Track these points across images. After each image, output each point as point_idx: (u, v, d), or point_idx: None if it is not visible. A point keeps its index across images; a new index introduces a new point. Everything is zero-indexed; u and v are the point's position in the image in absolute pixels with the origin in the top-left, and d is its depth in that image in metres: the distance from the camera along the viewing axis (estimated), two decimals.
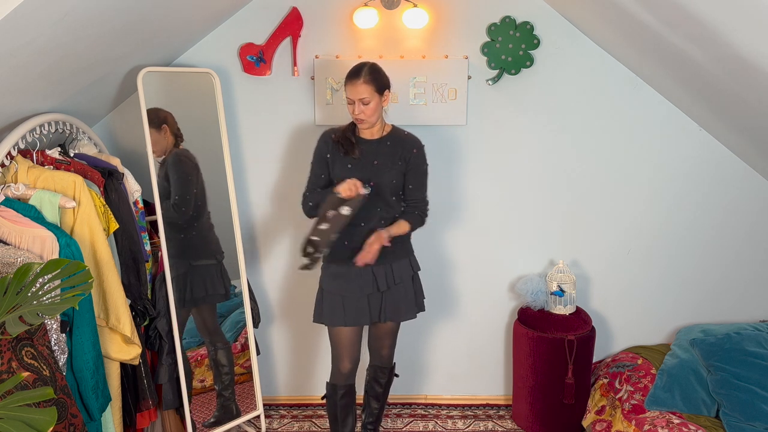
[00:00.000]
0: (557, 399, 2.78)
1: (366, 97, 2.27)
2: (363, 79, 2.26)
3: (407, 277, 2.48)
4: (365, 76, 2.26)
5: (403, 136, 2.42)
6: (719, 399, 2.48)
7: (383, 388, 2.68)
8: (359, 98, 2.27)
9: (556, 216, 2.98)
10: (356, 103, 2.28)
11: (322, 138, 2.45)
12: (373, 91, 2.28)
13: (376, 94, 2.29)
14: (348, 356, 2.47)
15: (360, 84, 2.26)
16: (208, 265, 2.72)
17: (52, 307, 1.46)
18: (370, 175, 2.34)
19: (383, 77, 2.32)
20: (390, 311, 2.45)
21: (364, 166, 2.36)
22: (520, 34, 2.75)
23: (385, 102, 2.35)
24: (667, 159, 2.89)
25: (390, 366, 2.67)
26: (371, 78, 2.27)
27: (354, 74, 2.28)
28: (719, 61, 2.07)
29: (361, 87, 2.26)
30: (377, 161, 2.36)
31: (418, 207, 2.45)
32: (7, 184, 2.05)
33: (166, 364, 2.59)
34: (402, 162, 2.38)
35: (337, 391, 2.50)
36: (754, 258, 2.98)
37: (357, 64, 2.32)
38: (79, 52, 2.04)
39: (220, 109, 2.73)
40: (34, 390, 1.36)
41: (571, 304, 2.84)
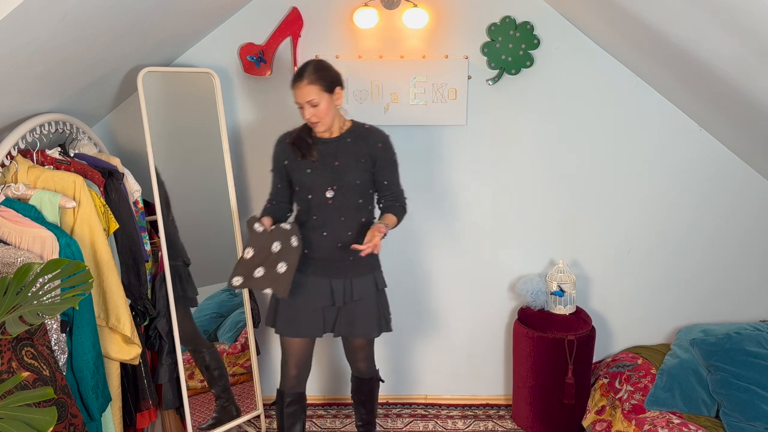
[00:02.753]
0: (557, 399, 2.78)
1: (314, 98, 2.12)
2: (307, 80, 2.11)
3: (369, 295, 2.34)
4: (309, 76, 2.11)
5: (364, 131, 2.29)
6: (719, 399, 2.48)
7: (366, 396, 2.61)
8: (306, 101, 2.13)
9: (556, 216, 2.98)
10: (305, 106, 2.14)
11: (278, 144, 2.32)
12: (321, 90, 2.12)
13: (324, 93, 2.14)
14: (295, 364, 2.38)
15: (305, 86, 2.11)
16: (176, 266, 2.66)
17: (52, 307, 1.46)
18: (332, 178, 2.22)
19: (331, 74, 2.17)
20: (343, 327, 2.33)
21: (325, 168, 2.23)
22: (520, 34, 2.75)
23: (338, 100, 2.21)
24: (668, 159, 2.89)
25: (370, 376, 2.57)
26: (317, 77, 2.12)
27: (297, 76, 2.13)
28: (719, 61, 2.07)
29: (306, 89, 2.11)
30: (338, 162, 2.23)
31: (398, 199, 2.34)
32: (7, 184, 2.05)
33: (166, 364, 2.59)
34: (367, 159, 2.25)
35: (284, 398, 2.43)
36: (754, 258, 2.98)
37: (302, 65, 2.18)
38: (79, 52, 2.04)
39: (220, 109, 2.73)
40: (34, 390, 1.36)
41: (571, 304, 2.84)
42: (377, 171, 2.28)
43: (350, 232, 2.27)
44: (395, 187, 2.34)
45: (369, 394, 2.60)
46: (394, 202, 2.34)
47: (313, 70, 2.13)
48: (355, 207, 2.26)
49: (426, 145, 2.92)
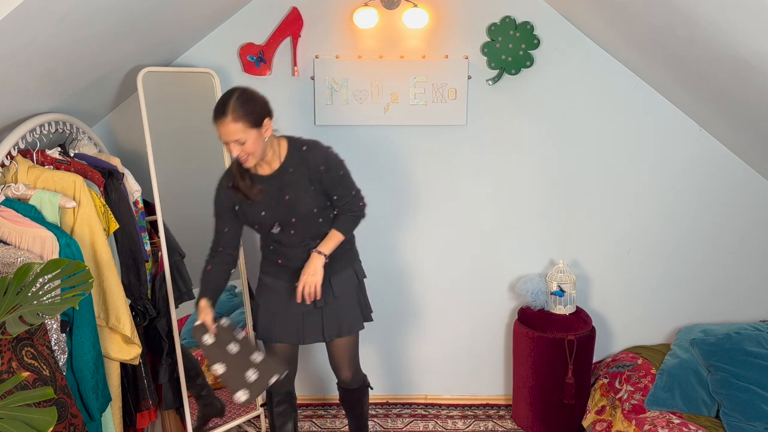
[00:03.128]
0: (557, 399, 2.78)
1: (240, 137, 1.92)
2: (231, 117, 1.90)
3: (350, 288, 2.28)
4: (233, 112, 1.90)
5: (303, 153, 2.10)
6: (719, 399, 2.48)
7: (353, 406, 2.51)
8: (232, 139, 1.93)
9: (556, 216, 2.98)
10: (231, 144, 1.95)
11: (221, 189, 2.15)
12: (247, 127, 1.92)
13: (251, 130, 1.94)
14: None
15: (228, 123, 1.90)
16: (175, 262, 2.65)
17: (52, 307, 1.46)
18: (288, 212, 2.11)
19: (257, 106, 1.97)
20: (333, 329, 2.26)
21: (278, 205, 2.11)
22: (520, 34, 2.75)
23: (267, 132, 2.01)
24: (668, 159, 2.89)
25: (357, 386, 2.44)
26: (242, 113, 1.91)
27: (219, 111, 1.91)
28: (719, 61, 2.07)
29: (230, 126, 1.91)
30: (288, 196, 2.10)
31: (349, 209, 2.20)
32: (7, 184, 2.05)
33: (166, 364, 2.59)
34: (315, 184, 2.11)
35: (272, 398, 2.41)
36: (754, 258, 2.98)
37: (223, 95, 1.96)
38: (79, 52, 2.04)
39: None
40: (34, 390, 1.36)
41: (571, 304, 2.84)
42: (326, 189, 2.15)
43: (319, 239, 2.19)
44: (346, 197, 2.18)
45: (358, 403, 2.50)
46: (344, 212, 2.21)
47: (237, 104, 1.91)
48: (317, 226, 2.18)
49: (426, 145, 2.92)
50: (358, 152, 2.93)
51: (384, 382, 3.19)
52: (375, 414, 3.10)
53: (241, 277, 2.84)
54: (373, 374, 3.16)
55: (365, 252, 2.99)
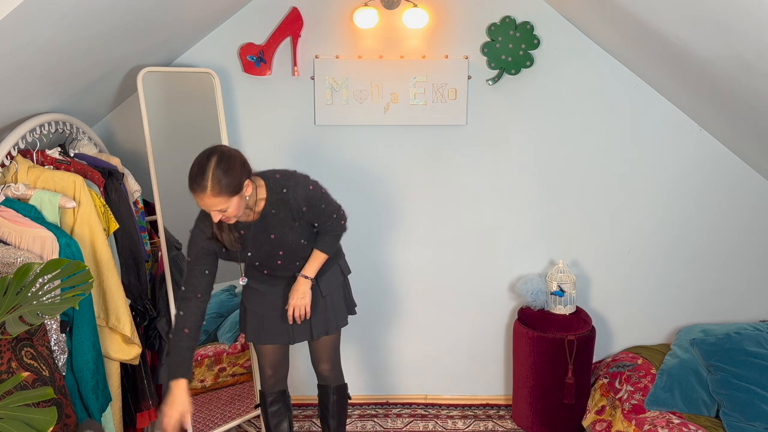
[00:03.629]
0: (557, 399, 2.78)
1: (221, 207, 1.86)
2: (210, 192, 1.82)
3: (337, 286, 2.30)
4: (213, 187, 1.81)
5: (283, 196, 2.03)
6: (719, 399, 2.48)
7: (329, 411, 2.48)
8: (213, 210, 1.87)
9: (556, 216, 2.98)
10: (212, 212, 1.88)
11: (199, 237, 2.03)
12: (227, 198, 1.85)
13: (232, 198, 1.86)
14: (270, 365, 2.36)
15: (208, 197, 1.83)
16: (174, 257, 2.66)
17: (52, 307, 1.46)
18: (273, 248, 2.11)
19: (236, 174, 1.86)
20: (320, 327, 2.28)
21: (263, 244, 2.09)
22: (520, 34, 2.75)
23: (248, 191, 1.92)
24: (667, 158, 2.89)
25: (335, 385, 2.45)
26: (221, 188, 1.82)
27: (197, 185, 1.82)
28: (719, 61, 2.07)
29: (209, 201, 1.84)
30: (273, 235, 2.08)
31: (331, 229, 2.17)
32: (7, 184, 2.05)
33: (166, 364, 2.59)
34: (298, 220, 2.09)
35: (266, 398, 2.43)
36: (754, 258, 2.98)
37: (199, 163, 1.85)
38: (79, 52, 2.04)
39: (220, 109, 2.73)
40: (34, 390, 1.36)
41: (571, 304, 2.84)
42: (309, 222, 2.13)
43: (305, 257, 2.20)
44: (328, 221, 2.15)
45: (335, 405, 2.47)
46: (326, 233, 2.18)
47: (215, 178, 1.81)
48: (304, 250, 2.18)
49: (426, 145, 2.92)
50: (358, 152, 2.93)
51: (384, 382, 3.19)
52: (375, 414, 3.10)
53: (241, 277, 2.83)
54: (373, 374, 3.17)
55: (365, 252, 3.00)
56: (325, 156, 2.94)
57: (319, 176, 2.93)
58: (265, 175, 2.07)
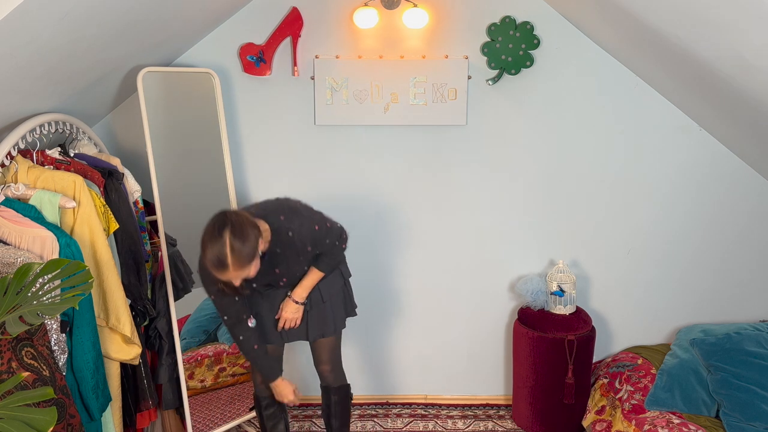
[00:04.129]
0: (557, 399, 2.78)
1: (242, 275, 1.91)
2: (232, 269, 1.87)
3: (337, 290, 2.34)
4: (233, 264, 1.86)
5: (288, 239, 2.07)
6: (719, 399, 2.48)
7: (331, 411, 2.49)
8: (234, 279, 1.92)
9: (556, 216, 2.98)
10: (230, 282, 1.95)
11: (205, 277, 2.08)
12: (247, 266, 1.89)
13: (250, 264, 1.90)
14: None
15: (230, 273, 1.88)
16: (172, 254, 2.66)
17: (52, 307, 1.46)
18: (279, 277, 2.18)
19: (251, 242, 1.88)
20: (316, 330, 2.31)
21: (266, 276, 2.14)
22: (520, 34, 2.75)
23: (261, 247, 1.96)
24: (667, 158, 2.89)
25: (337, 385, 2.46)
26: (241, 262, 1.87)
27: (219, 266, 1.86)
28: (719, 61, 2.07)
29: (233, 275, 1.90)
30: (278, 269, 2.15)
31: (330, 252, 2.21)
32: (7, 184, 2.05)
33: (166, 364, 2.59)
34: (304, 255, 2.15)
35: (260, 402, 2.44)
36: (754, 258, 2.98)
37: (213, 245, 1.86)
38: (79, 52, 2.04)
39: (220, 109, 2.73)
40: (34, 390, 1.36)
41: (571, 304, 2.84)
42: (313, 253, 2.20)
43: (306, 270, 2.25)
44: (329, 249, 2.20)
45: (337, 406, 2.48)
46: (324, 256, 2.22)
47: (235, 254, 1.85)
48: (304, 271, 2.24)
49: (426, 145, 2.92)
50: (358, 152, 2.93)
51: (384, 382, 3.19)
52: (375, 414, 3.10)
53: None
54: (373, 374, 3.17)
55: (365, 252, 3.00)
56: (325, 156, 2.94)
57: (319, 176, 2.95)
58: (267, 216, 2.06)
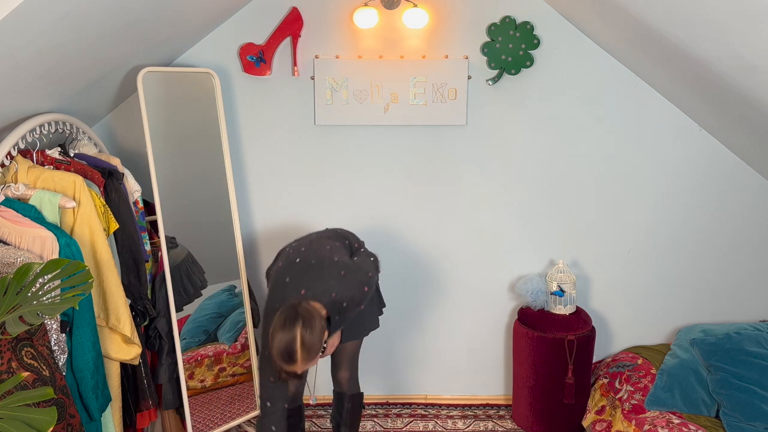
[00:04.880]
0: (557, 399, 2.78)
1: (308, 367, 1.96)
2: (301, 363, 1.91)
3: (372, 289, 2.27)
4: (302, 359, 1.90)
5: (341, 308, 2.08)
6: (719, 399, 2.48)
7: (343, 418, 2.48)
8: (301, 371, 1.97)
9: (556, 216, 2.98)
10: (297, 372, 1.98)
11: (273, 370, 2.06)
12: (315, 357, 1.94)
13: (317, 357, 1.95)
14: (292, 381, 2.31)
15: (297, 366, 1.92)
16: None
17: (52, 307, 1.46)
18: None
19: (319, 338, 1.92)
20: (354, 331, 2.31)
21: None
22: (520, 34, 2.75)
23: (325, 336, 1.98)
24: (667, 158, 2.89)
25: (352, 393, 2.45)
26: (309, 357, 1.91)
27: (289, 360, 1.90)
28: (719, 61, 2.07)
29: (302, 368, 1.94)
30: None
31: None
32: (7, 184, 2.05)
33: (166, 364, 2.59)
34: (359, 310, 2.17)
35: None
36: (754, 258, 2.98)
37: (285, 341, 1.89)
38: (79, 52, 2.04)
39: (220, 109, 2.73)
40: (34, 390, 1.36)
41: (571, 304, 2.84)
42: None
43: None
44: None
45: (349, 414, 2.47)
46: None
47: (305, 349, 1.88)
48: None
49: (426, 145, 2.92)
50: (358, 152, 2.93)
51: (384, 382, 3.19)
52: (375, 414, 3.10)
53: (240, 277, 2.84)
54: (373, 374, 3.17)
55: None
56: (325, 156, 2.94)
57: (319, 176, 2.95)
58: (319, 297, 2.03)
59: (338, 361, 2.42)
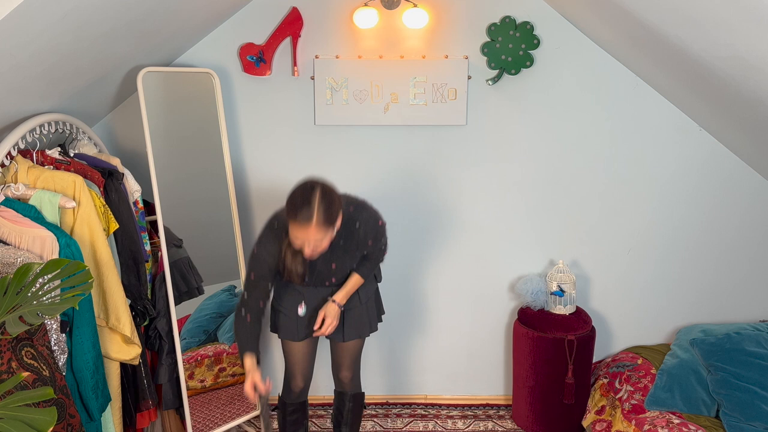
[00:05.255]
0: (557, 399, 2.78)
1: (320, 238, 1.91)
2: (315, 224, 1.86)
3: (372, 293, 2.39)
4: (318, 219, 1.85)
5: (355, 229, 2.11)
6: (719, 399, 2.48)
7: (344, 417, 2.49)
8: (312, 239, 1.91)
9: (556, 216, 2.98)
10: (305, 244, 1.92)
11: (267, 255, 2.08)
12: (326, 230, 1.90)
13: (330, 230, 1.92)
14: (301, 373, 2.37)
15: (312, 229, 1.87)
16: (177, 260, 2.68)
17: (52, 307, 1.46)
18: (328, 275, 2.19)
19: (336, 206, 1.91)
20: (352, 331, 2.32)
21: (321, 270, 2.17)
22: (520, 34, 2.75)
23: (338, 224, 1.97)
24: (667, 158, 2.89)
25: (353, 392, 2.47)
26: (325, 219, 1.87)
27: (304, 217, 1.85)
28: (719, 60, 2.07)
29: (313, 233, 1.88)
30: (335, 264, 2.17)
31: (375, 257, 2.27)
32: (7, 184, 2.05)
33: (166, 364, 2.59)
34: (359, 250, 2.19)
35: (286, 408, 2.42)
36: (754, 258, 2.98)
37: (302, 195, 1.87)
38: (79, 52, 2.04)
39: (220, 109, 2.73)
40: (34, 390, 1.36)
41: (571, 304, 2.84)
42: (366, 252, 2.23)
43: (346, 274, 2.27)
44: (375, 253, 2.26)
45: (350, 413, 2.48)
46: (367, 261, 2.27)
47: (322, 209, 1.86)
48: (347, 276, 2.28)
49: (426, 145, 2.92)
50: (358, 152, 2.93)
51: (384, 382, 3.19)
52: (375, 414, 3.10)
53: (240, 277, 2.84)
54: (373, 374, 3.17)
55: None
56: (325, 156, 2.94)
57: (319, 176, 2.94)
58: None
59: (340, 361, 2.43)
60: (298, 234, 1.89)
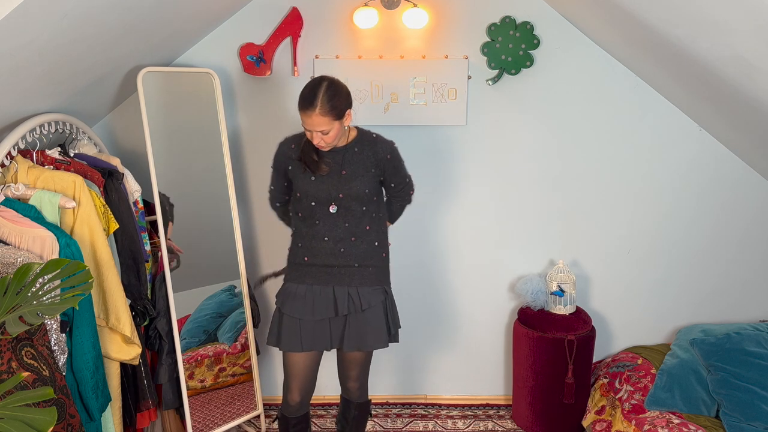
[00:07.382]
0: (557, 399, 2.78)
1: (324, 128, 2.02)
2: (320, 111, 1.98)
3: (377, 302, 2.24)
4: (322, 106, 1.99)
5: (371, 140, 2.21)
6: (719, 399, 2.48)
7: (348, 423, 2.46)
8: (317, 130, 2.03)
9: (556, 216, 2.98)
10: (314, 132, 2.04)
11: (281, 151, 2.25)
12: (332, 120, 2.01)
13: (335, 122, 2.03)
14: (298, 388, 2.28)
15: (316, 116, 1.99)
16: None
17: (52, 307, 1.46)
18: (338, 186, 2.15)
19: (342, 99, 2.04)
20: (353, 339, 2.22)
21: (331, 177, 2.16)
22: (520, 34, 2.75)
23: (347, 121, 2.10)
24: (667, 159, 2.89)
25: (360, 401, 2.43)
26: (329, 107, 2.00)
27: (308, 103, 2.00)
28: (719, 60, 2.07)
29: (316, 119, 2.00)
30: (345, 171, 2.16)
31: (402, 195, 2.38)
32: (7, 184, 2.05)
33: (166, 364, 2.59)
34: (376, 169, 2.20)
35: (288, 423, 2.34)
36: (753, 258, 2.98)
37: (311, 86, 2.04)
38: (79, 52, 2.04)
39: (220, 109, 2.73)
40: (34, 390, 1.36)
41: (571, 304, 2.84)
42: (385, 176, 2.26)
43: (354, 239, 2.20)
44: (401, 183, 2.35)
45: (355, 422, 2.46)
46: (396, 200, 2.40)
47: (326, 99, 2.00)
48: (359, 214, 2.20)
49: (426, 145, 2.92)
50: None
51: (384, 382, 3.19)
52: (375, 414, 3.10)
53: (240, 277, 2.84)
54: (372, 374, 3.16)
55: None
56: None
57: None
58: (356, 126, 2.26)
59: (347, 373, 2.38)
60: (306, 120, 2.03)
